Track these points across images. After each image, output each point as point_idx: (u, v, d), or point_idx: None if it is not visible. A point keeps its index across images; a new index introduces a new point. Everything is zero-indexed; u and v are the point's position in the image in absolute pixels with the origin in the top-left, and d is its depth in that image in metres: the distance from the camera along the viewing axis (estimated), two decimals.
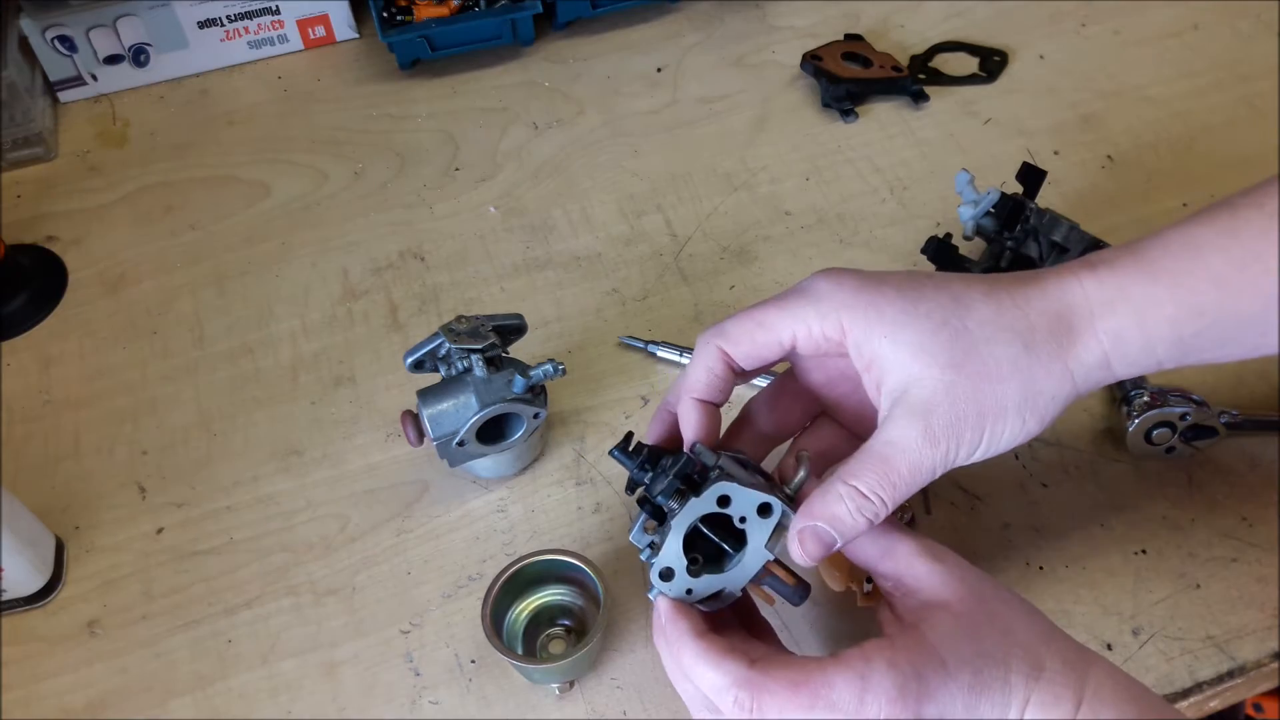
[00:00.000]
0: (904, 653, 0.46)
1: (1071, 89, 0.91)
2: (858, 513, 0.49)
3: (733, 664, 0.48)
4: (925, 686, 0.46)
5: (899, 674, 0.46)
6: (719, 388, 0.53)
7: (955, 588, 0.48)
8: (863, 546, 0.51)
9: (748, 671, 0.47)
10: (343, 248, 0.82)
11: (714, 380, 0.53)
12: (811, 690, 0.46)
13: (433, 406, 0.63)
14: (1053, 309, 0.50)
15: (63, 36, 0.90)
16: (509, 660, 0.57)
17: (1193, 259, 0.49)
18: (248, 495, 0.69)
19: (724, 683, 0.48)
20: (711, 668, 0.48)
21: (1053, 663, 0.47)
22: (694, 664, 0.49)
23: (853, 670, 0.46)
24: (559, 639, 0.61)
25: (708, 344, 0.53)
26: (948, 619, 0.48)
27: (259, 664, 0.62)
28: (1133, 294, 0.50)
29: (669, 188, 0.85)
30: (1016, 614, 0.49)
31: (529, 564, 0.60)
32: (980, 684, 0.46)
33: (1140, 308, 0.49)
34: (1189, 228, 0.50)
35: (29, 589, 0.64)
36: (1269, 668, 0.60)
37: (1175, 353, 0.50)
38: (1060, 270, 0.51)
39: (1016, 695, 0.46)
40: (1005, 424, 0.49)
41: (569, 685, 0.60)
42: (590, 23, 0.98)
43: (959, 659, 0.46)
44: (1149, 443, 0.66)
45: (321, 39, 0.98)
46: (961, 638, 0.47)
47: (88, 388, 0.75)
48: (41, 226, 0.85)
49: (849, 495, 0.49)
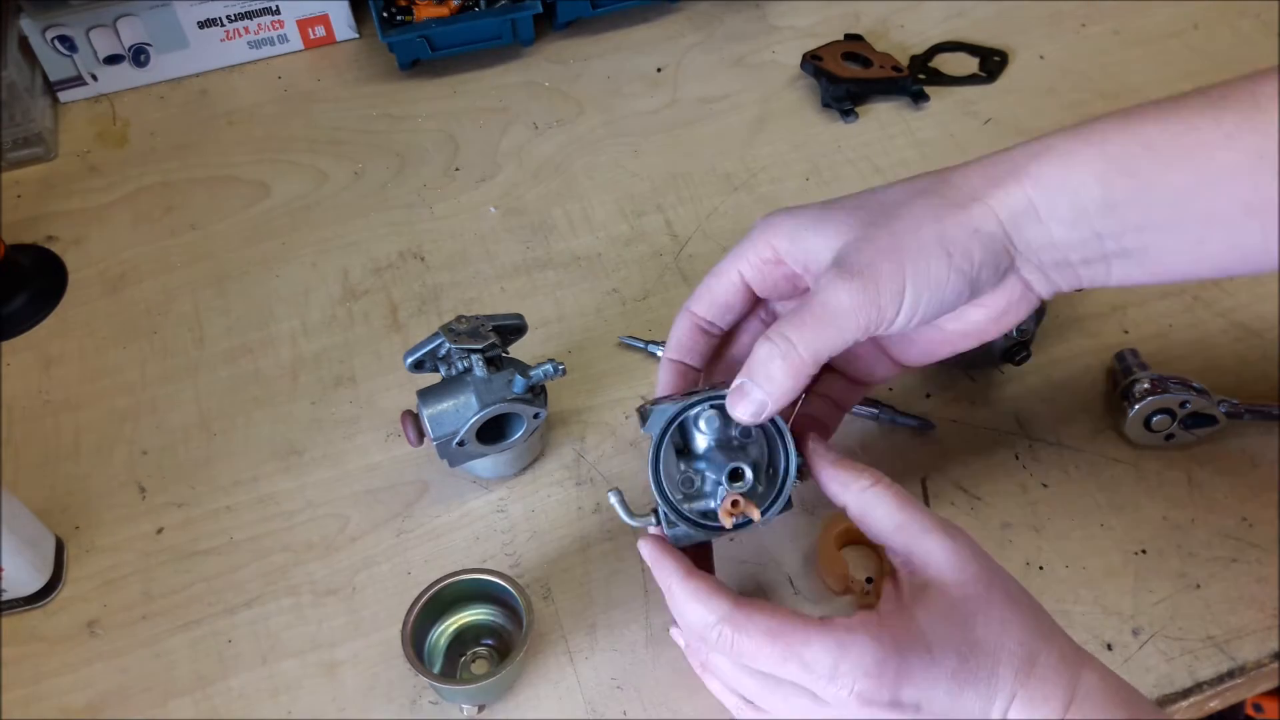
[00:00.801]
0: (889, 630, 0.46)
1: (1071, 89, 0.91)
2: (782, 359, 0.49)
3: (718, 601, 0.49)
4: (906, 667, 0.46)
5: (879, 649, 0.46)
6: (690, 348, 0.57)
7: (960, 569, 0.48)
8: (880, 519, 0.51)
9: (730, 609, 0.48)
10: (343, 248, 0.82)
11: (684, 341, 0.57)
12: (786, 643, 0.47)
13: (433, 406, 0.63)
14: (975, 171, 0.51)
15: (63, 36, 0.90)
16: (425, 679, 0.57)
17: (1123, 124, 0.49)
18: (248, 495, 0.69)
19: (710, 620, 0.49)
20: (699, 604, 0.49)
21: (1047, 659, 0.47)
22: (680, 601, 0.50)
23: (832, 637, 0.46)
24: (484, 659, 0.61)
25: (680, 312, 0.57)
26: (943, 602, 0.47)
27: (259, 664, 0.62)
28: (1057, 146, 0.50)
29: (669, 188, 0.85)
30: (1018, 607, 0.48)
31: (455, 582, 0.60)
32: (965, 672, 0.46)
33: (1066, 159, 0.49)
34: (1126, 110, 0.50)
35: (29, 589, 0.64)
36: (1269, 668, 0.60)
37: (1112, 223, 0.49)
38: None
39: (1003, 689, 0.46)
40: (927, 260, 0.49)
41: (478, 709, 0.59)
42: (590, 23, 0.98)
43: (945, 644, 0.46)
44: (1149, 429, 0.67)
45: (321, 39, 0.98)
46: (953, 623, 0.47)
47: (88, 388, 0.75)
48: (41, 226, 0.85)
49: (775, 349, 0.49)
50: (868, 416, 0.70)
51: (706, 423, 0.52)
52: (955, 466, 0.68)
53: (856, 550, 0.65)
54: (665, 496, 0.52)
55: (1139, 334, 0.74)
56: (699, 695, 0.59)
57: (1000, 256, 0.50)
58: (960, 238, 0.49)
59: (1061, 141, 0.50)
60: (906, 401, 0.71)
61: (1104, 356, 0.72)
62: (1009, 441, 0.69)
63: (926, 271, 0.49)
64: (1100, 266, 0.51)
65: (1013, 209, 0.50)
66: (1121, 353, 0.71)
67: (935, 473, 0.68)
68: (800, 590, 0.63)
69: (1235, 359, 0.72)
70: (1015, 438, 0.69)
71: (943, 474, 0.68)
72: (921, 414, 0.70)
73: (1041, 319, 0.70)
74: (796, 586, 0.64)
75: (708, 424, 0.52)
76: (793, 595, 0.63)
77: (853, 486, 0.51)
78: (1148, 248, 0.50)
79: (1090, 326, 0.75)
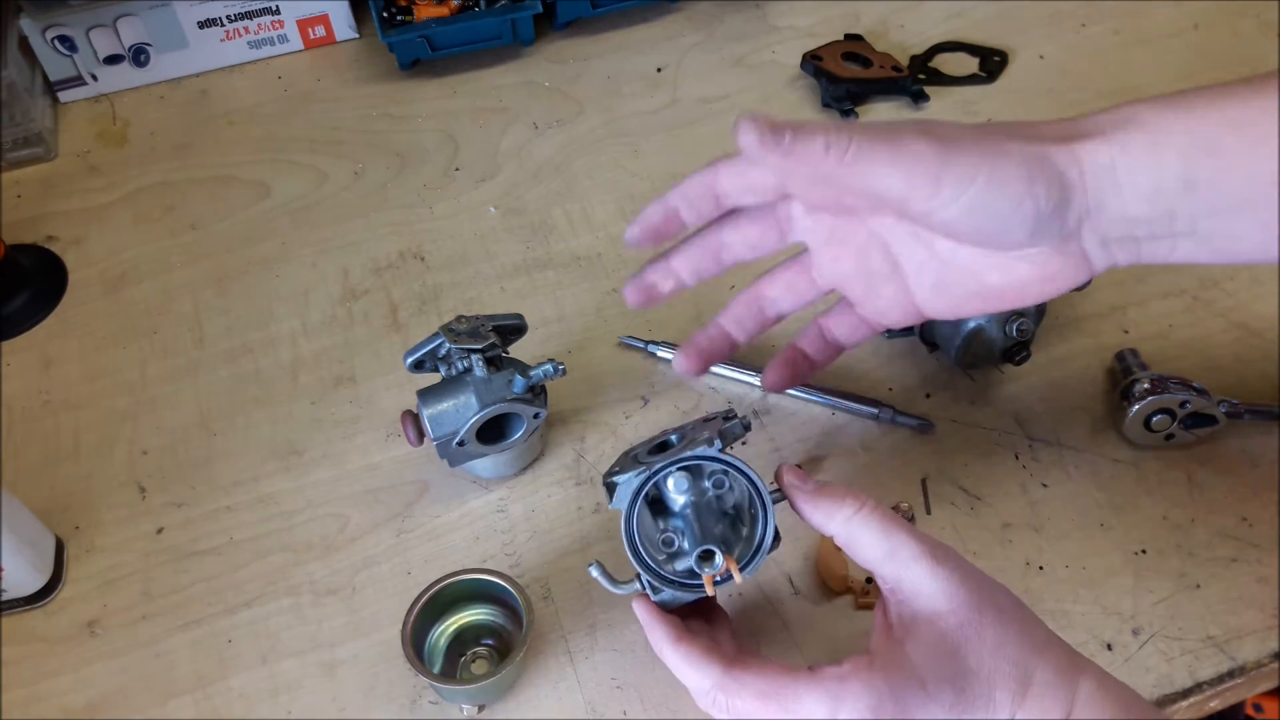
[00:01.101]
0: (881, 673, 0.46)
1: (1071, 89, 0.91)
2: (824, 135, 0.49)
3: (710, 666, 0.49)
4: (902, 706, 0.45)
5: (874, 695, 0.45)
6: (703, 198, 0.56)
7: (951, 596, 0.47)
8: (867, 546, 0.49)
9: (722, 676, 0.48)
10: (343, 248, 0.82)
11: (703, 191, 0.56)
12: (780, 704, 0.47)
13: (433, 406, 0.63)
14: (1057, 124, 0.50)
15: (63, 36, 0.90)
16: (425, 679, 0.57)
17: (1210, 102, 0.48)
18: (248, 495, 0.69)
19: (702, 686, 0.49)
20: (691, 669, 0.50)
21: (1043, 674, 0.46)
22: (675, 666, 0.51)
23: (823, 688, 0.46)
24: (484, 659, 0.61)
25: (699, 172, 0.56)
26: (934, 634, 0.47)
27: (259, 664, 0.62)
28: (1144, 116, 0.48)
29: (669, 187, 0.85)
30: (1009, 625, 0.47)
31: (455, 582, 0.60)
32: (963, 703, 0.45)
33: (1153, 131, 0.48)
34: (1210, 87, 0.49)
35: (29, 589, 0.64)
36: (1269, 668, 0.60)
37: (1189, 202, 0.48)
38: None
39: (1001, 713, 0.46)
40: (1005, 171, 0.48)
41: (478, 709, 0.59)
42: (590, 23, 0.98)
43: (940, 678, 0.46)
44: (1149, 429, 0.67)
45: (321, 39, 0.98)
46: (945, 655, 0.46)
47: (88, 388, 0.75)
48: (41, 226, 0.85)
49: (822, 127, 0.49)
50: (868, 416, 0.70)
51: (675, 484, 0.52)
52: (955, 466, 0.68)
53: None
54: (646, 565, 0.52)
55: (1139, 334, 0.74)
56: None
57: (1070, 212, 0.49)
58: (1042, 171, 0.48)
59: (1148, 112, 0.48)
60: (906, 401, 0.71)
61: (1104, 356, 0.72)
62: (1009, 441, 0.69)
63: (1003, 180, 0.47)
64: (1165, 243, 0.49)
65: (1097, 165, 0.48)
66: (1121, 353, 0.71)
67: (935, 473, 0.68)
68: (800, 590, 0.63)
69: (1235, 359, 0.72)
70: (1015, 438, 0.69)
71: (943, 474, 0.68)
72: (921, 414, 0.70)
73: (1042, 319, 0.69)
74: (796, 586, 0.64)
75: (676, 485, 0.52)
76: (792, 595, 0.63)
77: (836, 516, 0.50)
78: (1219, 230, 0.48)
79: (1090, 326, 0.75)
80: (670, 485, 0.52)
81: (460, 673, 0.60)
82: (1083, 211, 0.49)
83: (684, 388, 0.73)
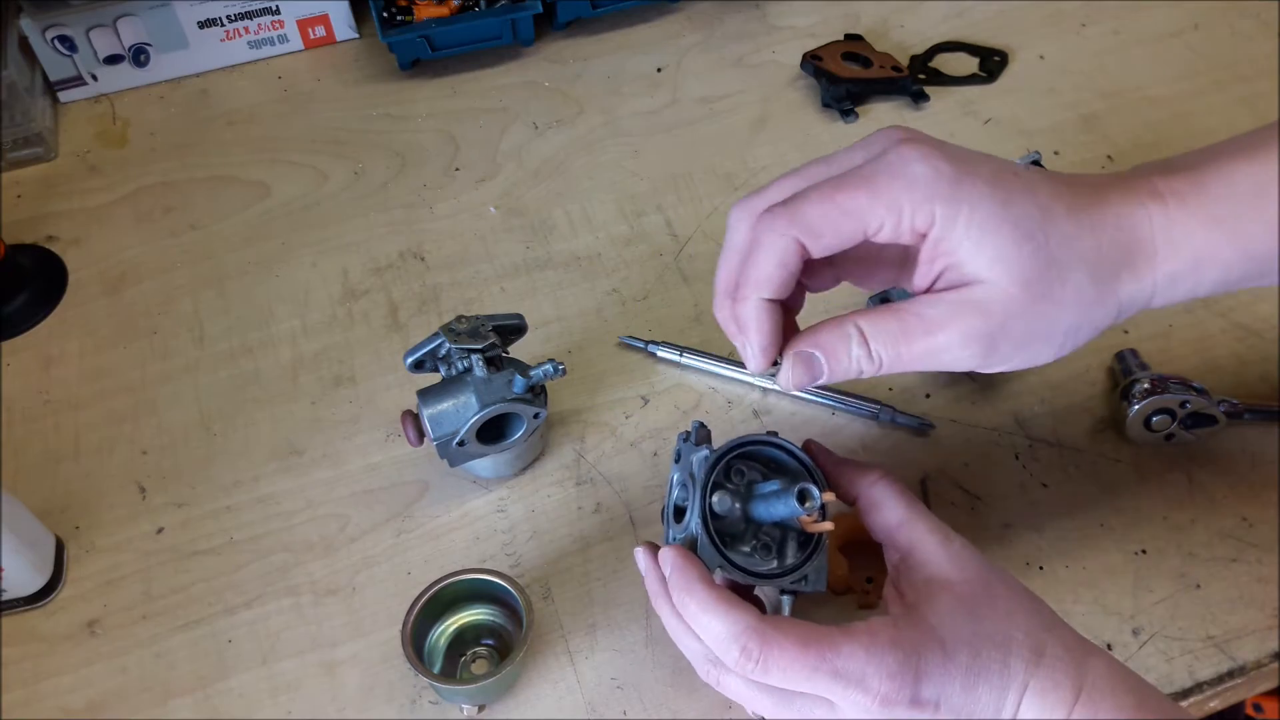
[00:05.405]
0: (906, 631, 0.47)
1: (1071, 89, 0.91)
2: (854, 359, 0.48)
3: (742, 613, 0.48)
4: (923, 666, 0.46)
5: (900, 651, 0.46)
6: (789, 285, 0.48)
7: (961, 568, 0.49)
8: (889, 510, 0.52)
9: (758, 622, 0.47)
10: (343, 248, 0.82)
11: (787, 278, 0.48)
12: (819, 652, 0.46)
13: (433, 406, 0.63)
14: (1123, 239, 0.48)
15: (63, 36, 0.90)
16: (425, 679, 0.57)
17: (1255, 204, 0.48)
18: (248, 495, 0.69)
19: (733, 630, 0.47)
20: (720, 616, 0.48)
21: (1054, 649, 0.47)
22: (701, 612, 0.48)
23: (858, 643, 0.47)
24: (484, 659, 0.61)
25: (782, 234, 0.47)
26: (949, 599, 0.48)
27: (259, 664, 0.62)
28: (1196, 239, 0.48)
29: (669, 188, 0.85)
30: (1020, 600, 0.49)
31: (455, 582, 0.60)
32: (979, 665, 0.46)
33: (1200, 254, 0.48)
34: (1253, 166, 0.49)
35: (29, 589, 0.64)
36: (1269, 668, 0.60)
37: (1214, 292, 0.50)
38: (1129, 187, 0.49)
39: (1015, 679, 0.47)
40: (1048, 348, 0.48)
41: (478, 709, 0.59)
42: (590, 23, 0.98)
43: (957, 639, 0.47)
44: (1149, 429, 0.67)
45: (321, 39, 0.98)
46: (961, 618, 0.47)
47: (88, 388, 0.75)
48: (41, 226, 0.85)
49: (857, 340, 0.48)
50: (868, 416, 0.70)
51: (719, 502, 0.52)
52: (955, 466, 0.68)
53: (857, 550, 0.64)
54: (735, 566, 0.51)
55: (1139, 334, 0.74)
56: (699, 695, 0.59)
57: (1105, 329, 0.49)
58: (1083, 334, 0.48)
59: (1199, 229, 0.48)
60: (906, 401, 0.71)
61: (1104, 356, 0.72)
62: (1009, 441, 0.69)
63: (1041, 354, 0.48)
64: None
65: (1136, 300, 0.49)
66: (1121, 353, 0.71)
67: (935, 473, 0.68)
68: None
69: (1235, 359, 0.72)
70: (1015, 438, 0.69)
71: (943, 474, 0.68)
72: (921, 414, 0.70)
73: None
74: None
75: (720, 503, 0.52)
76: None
77: (862, 481, 0.53)
78: (1229, 290, 0.50)
79: None
80: (715, 501, 0.52)
81: (460, 673, 0.60)
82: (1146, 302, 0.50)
83: (684, 387, 0.73)
